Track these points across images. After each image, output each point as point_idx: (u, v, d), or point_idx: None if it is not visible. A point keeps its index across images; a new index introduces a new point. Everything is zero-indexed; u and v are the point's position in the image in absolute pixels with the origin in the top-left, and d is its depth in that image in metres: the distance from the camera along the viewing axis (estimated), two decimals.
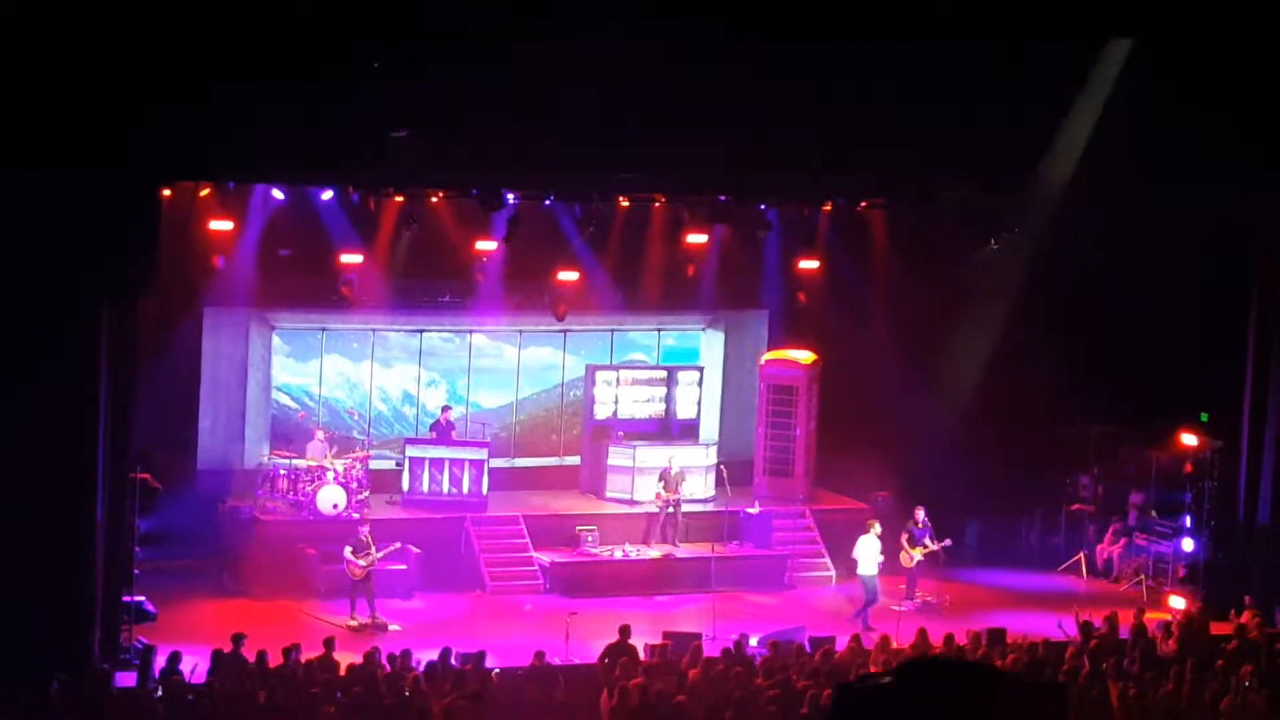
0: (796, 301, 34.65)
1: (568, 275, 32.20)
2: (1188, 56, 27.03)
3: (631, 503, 32.35)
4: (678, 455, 32.49)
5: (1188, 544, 31.18)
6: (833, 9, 25.30)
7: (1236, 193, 29.04)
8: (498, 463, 32.67)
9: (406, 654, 23.13)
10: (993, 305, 32.69)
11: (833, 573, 31.66)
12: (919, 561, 29.72)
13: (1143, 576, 31.55)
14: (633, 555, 30.95)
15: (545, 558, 30.50)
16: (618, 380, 34.10)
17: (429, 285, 32.63)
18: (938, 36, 25.86)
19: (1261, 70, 27.11)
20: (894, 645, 24.78)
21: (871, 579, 29.02)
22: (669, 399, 34.31)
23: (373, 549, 28.21)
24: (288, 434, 32.00)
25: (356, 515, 29.84)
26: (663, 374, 34.56)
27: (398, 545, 28.57)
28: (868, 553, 29.08)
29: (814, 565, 31.86)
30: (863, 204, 32.09)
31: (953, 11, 25.71)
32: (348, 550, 28.19)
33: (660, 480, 31.71)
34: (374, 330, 33.03)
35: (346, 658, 23.30)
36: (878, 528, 29.33)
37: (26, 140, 23.03)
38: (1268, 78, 27.19)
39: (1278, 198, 29.12)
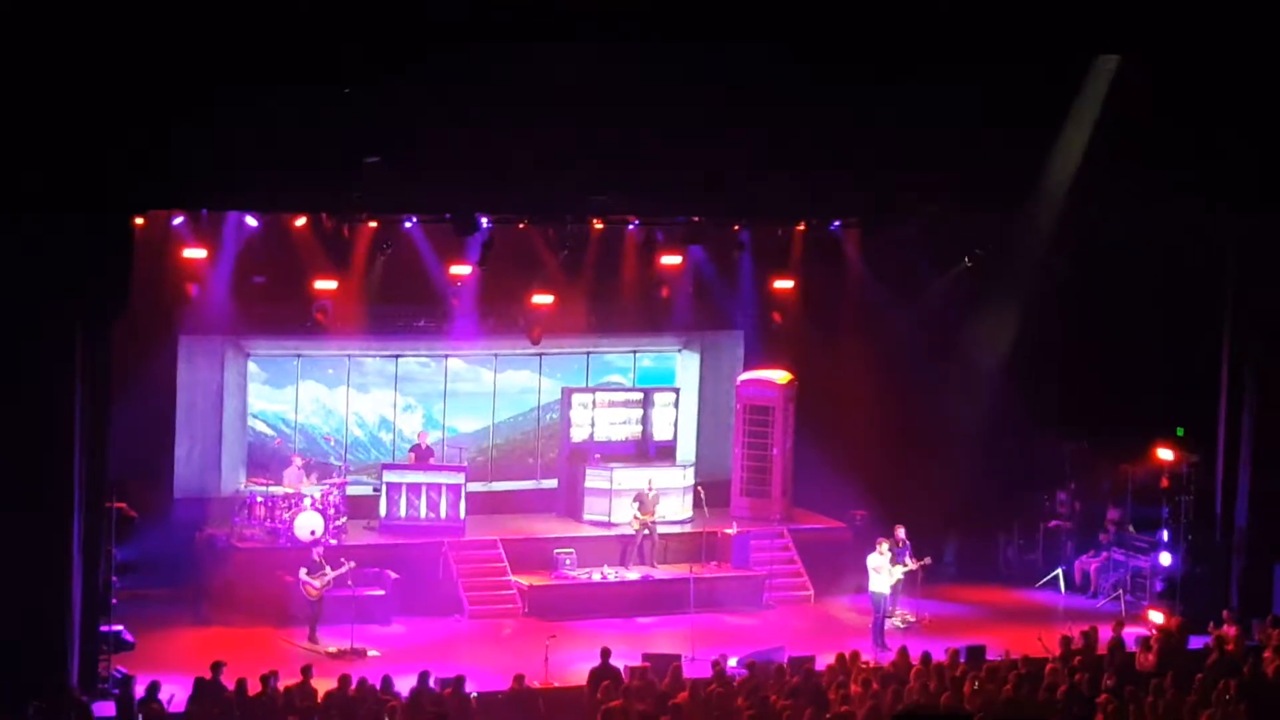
0: (771, 321, 34.76)
1: (542, 298, 32.23)
2: (1162, 74, 27.09)
3: (609, 525, 32.32)
4: (654, 477, 32.46)
5: (1165, 558, 31.24)
6: (810, 32, 25.31)
7: (1208, 208, 29.14)
8: (475, 487, 32.62)
9: (386, 680, 23.08)
10: (967, 322, 32.76)
11: (811, 592, 31.67)
12: (898, 580, 29.64)
13: (1121, 591, 31.57)
14: (611, 577, 30.93)
15: (524, 581, 30.46)
16: (594, 403, 34.09)
17: (404, 310, 32.59)
18: (916, 56, 25.87)
19: (1235, 89, 27.17)
20: (872, 664, 24.78)
21: (880, 595, 28.97)
22: (645, 421, 34.30)
23: (327, 569, 28.21)
24: (264, 461, 31.96)
25: (334, 541, 29.80)
26: (639, 396, 34.56)
27: (351, 564, 28.45)
28: (875, 569, 29.00)
29: (792, 585, 31.84)
30: (836, 223, 32.15)
31: (930, 32, 25.73)
32: (303, 572, 28.24)
33: (636, 502, 31.69)
34: (349, 356, 32.99)
35: (324, 684, 23.24)
36: (885, 545, 29.27)
37: None
38: (1240, 97, 27.26)
39: (1248, 213, 29.22)
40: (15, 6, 22.57)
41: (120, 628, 26.14)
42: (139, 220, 25.88)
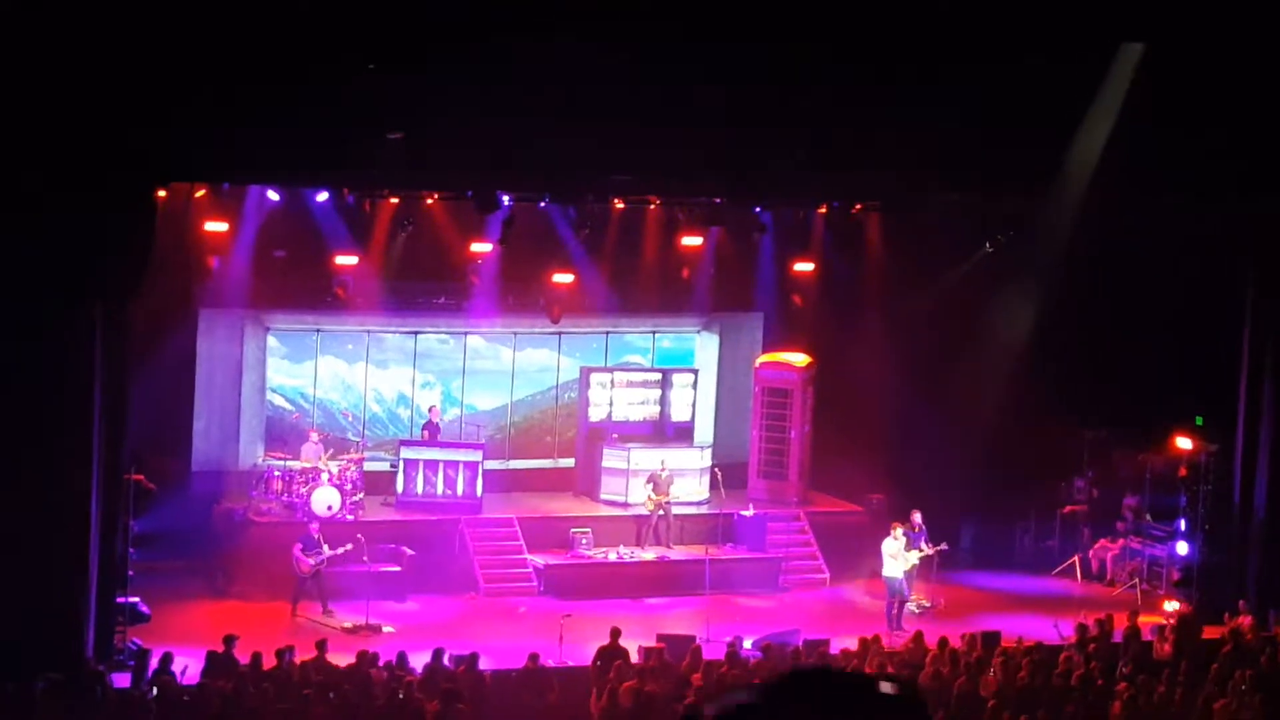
0: (791, 304, 34.76)
1: (563, 277, 32.23)
2: (1185, 64, 26.97)
3: (626, 505, 32.32)
4: (671, 457, 32.47)
5: (1182, 547, 31.21)
6: (833, 11, 25.24)
7: (1231, 197, 29.06)
8: (492, 465, 32.66)
9: (401, 656, 23.11)
10: (988, 307, 32.68)
11: (826, 575, 31.65)
12: (914, 565, 29.58)
13: (1137, 580, 31.53)
14: (627, 557, 30.94)
15: (539, 560, 30.47)
16: (612, 382, 34.09)
17: (424, 287, 32.60)
18: (940, 45, 25.78)
19: (1257, 77, 27.06)
20: (885, 647, 24.76)
21: (895, 580, 28.87)
22: (664, 401, 34.29)
23: (325, 548, 28.20)
24: (282, 435, 32.00)
25: (350, 517, 29.85)
26: (657, 376, 34.55)
27: (350, 546, 28.40)
28: (890, 554, 28.91)
29: (808, 568, 31.83)
30: (858, 206, 32.11)
31: (955, 22, 25.63)
32: (298, 548, 28.20)
33: (649, 483, 31.69)
34: (369, 332, 33.02)
35: (340, 659, 23.29)
36: (900, 530, 29.16)
37: (22, 141, 23.03)
38: (1263, 85, 27.15)
39: (1272, 201, 29.14)
40: None
41: (136, 599, 26.21)
42: (161, 193, 25.86)
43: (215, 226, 29.34)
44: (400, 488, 31.65)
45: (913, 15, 25.51)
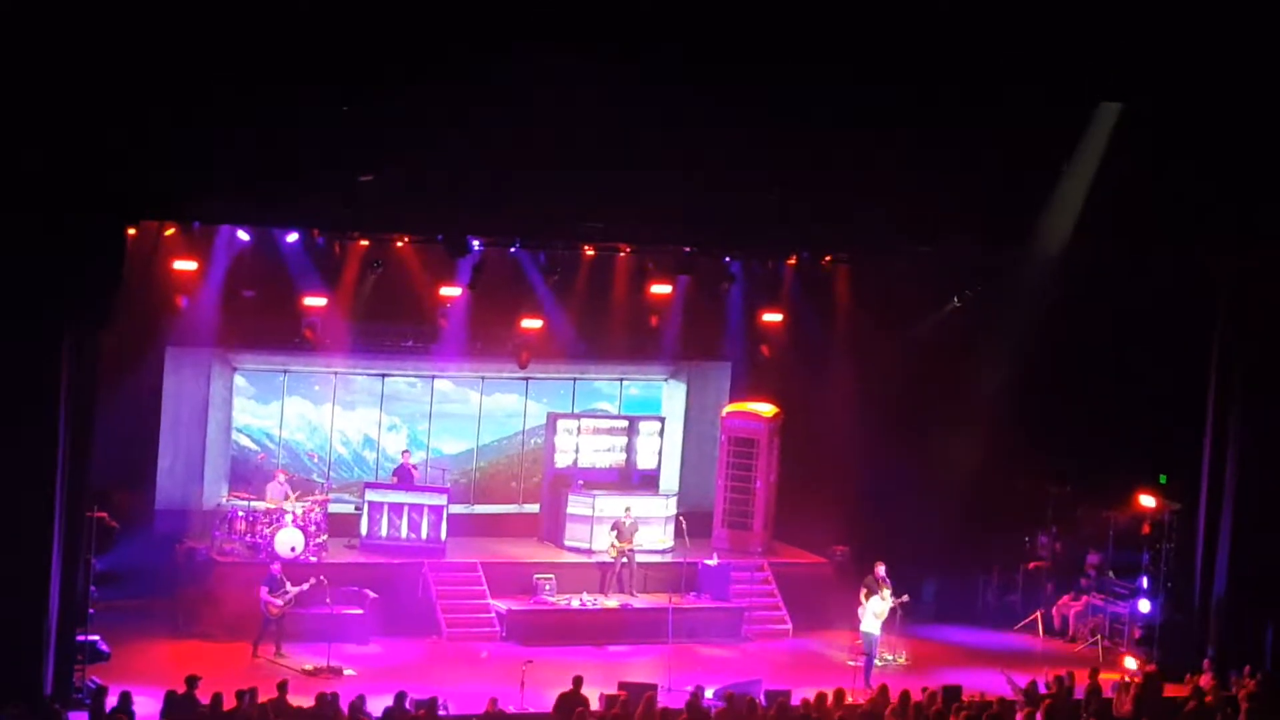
0: (759, 354, 34.79)
1: (532, 323, 32.27)
2: (1155, 114, 27.11)
3: (590, 552, 32.29)
4: (636, 505, 32.46)
5: (1144, 605, 31.27)
6: (804, 62, 25.32)
7: (1197, 255, 29.23)
8: (457, 509, 32.59)
9: (361, 699, 23.03)
10: (955, 361, 32.76)
11: (789, 626, 31.64)
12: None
13: (1099, 636, 31.58)
14: (590, 604, 30.89)
15: (502, 605, 30.42)
16: (579, 429, 34.08)
17: (393, 329, 32.63)
18: (915, 98, 25.88)
19: (1225, 130, 27.18)
20: (849, 700, 24.71)
21: (873, 636, 28.72)
22: (630, 449, 34.30)
23: (288, 586, 28.14)
24: (247, 475, 31.93)
25: (314, 559, 29.78)
26: (624, 424, 34.55)
27: (313, 581, 28.38)
28: (875, 613, 28.80)
29: (771, 618, 31.82)
30: (827, 258, 32.21)
31: (926, 69, 25.75)
32: (263, 590, 28.12)
33: (614, 529, 31.68)
34: (336, 373, 32.98)
35: (300, 702, 23.18)
36: (887, 591, 28.97)
37: None
38: (1231, 141, 27.28)
39: (1237, 260, 29.31)
40: (9, 14, 22.54)
41: (96, 638, 26.05)
42: (131, 231, 25.81)
43: (184, 265, 29.30)
44: (364, 530, 31.58)
45: (887, 69, 25.60)
